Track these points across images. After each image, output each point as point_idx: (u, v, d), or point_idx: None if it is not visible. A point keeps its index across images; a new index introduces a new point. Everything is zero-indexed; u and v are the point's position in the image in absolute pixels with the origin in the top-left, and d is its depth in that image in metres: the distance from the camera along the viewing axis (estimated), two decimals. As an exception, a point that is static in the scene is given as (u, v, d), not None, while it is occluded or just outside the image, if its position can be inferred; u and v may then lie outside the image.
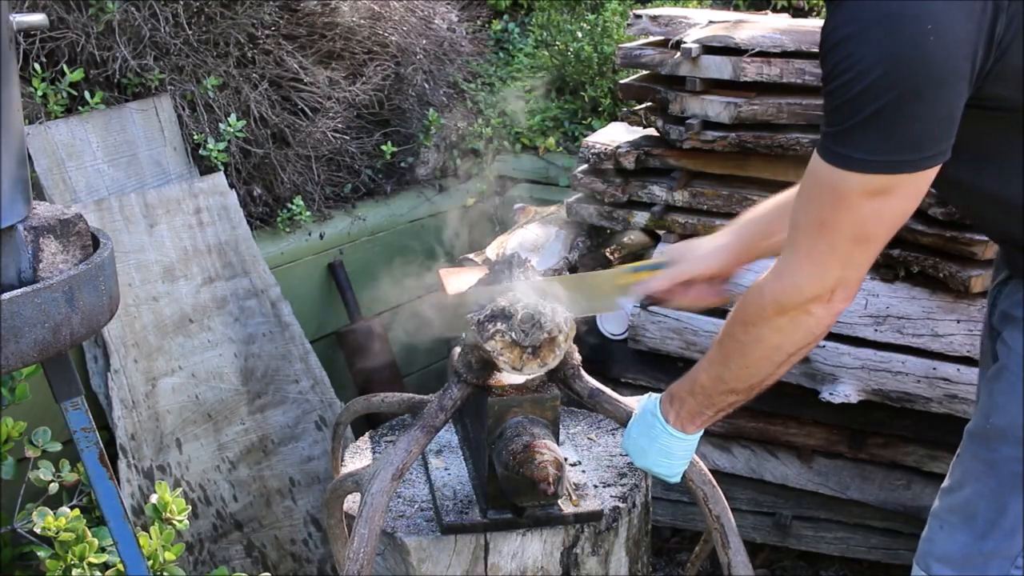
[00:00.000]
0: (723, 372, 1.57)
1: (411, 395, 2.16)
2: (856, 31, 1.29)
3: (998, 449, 1.53)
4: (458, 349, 1.92)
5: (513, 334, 1.72)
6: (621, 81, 3.00)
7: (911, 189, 1.36)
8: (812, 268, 1.42)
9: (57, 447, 2.08)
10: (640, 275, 1.86)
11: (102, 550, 1.91)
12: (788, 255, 1.45)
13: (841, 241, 1.39)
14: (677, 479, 1.74)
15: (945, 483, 1.63)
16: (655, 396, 1.74)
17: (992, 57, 1.31)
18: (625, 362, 2.90)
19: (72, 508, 1.95)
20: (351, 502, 2.01)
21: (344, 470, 2.17)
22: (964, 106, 1.33)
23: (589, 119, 3.83)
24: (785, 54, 2.58)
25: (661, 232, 2.90)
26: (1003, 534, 1.53)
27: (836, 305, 1.44)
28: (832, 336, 2.53)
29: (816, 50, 1.38)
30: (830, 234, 1.39)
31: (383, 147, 3.47)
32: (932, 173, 1.35)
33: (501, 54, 4.22)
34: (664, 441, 1.68)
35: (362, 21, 3.34)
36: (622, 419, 1.86)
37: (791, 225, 1.46)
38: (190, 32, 2.97)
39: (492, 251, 2.91)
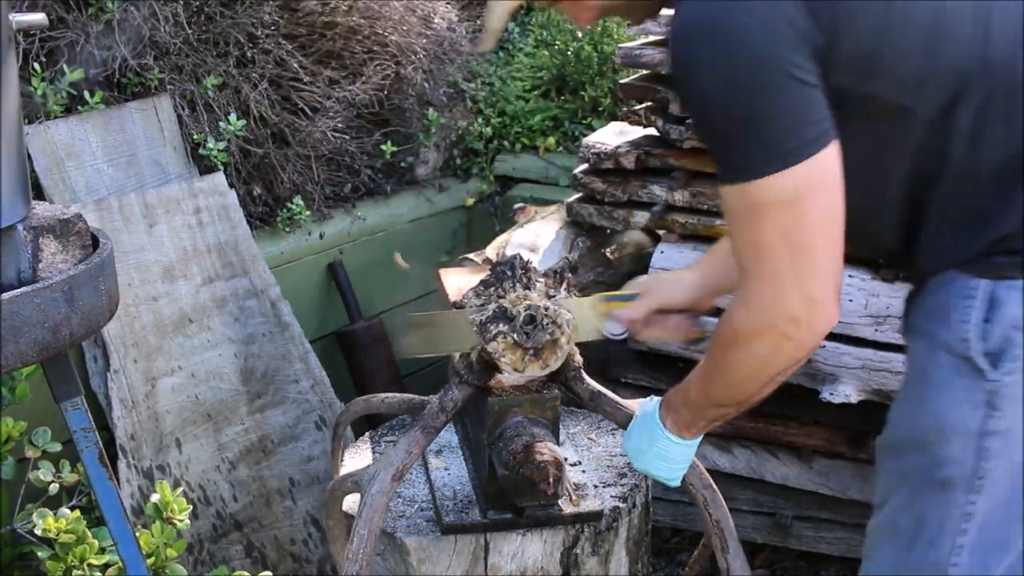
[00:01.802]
0: (710, 388, 1.56)
1: (411, 396, 2.16)
2: (683, 57, 1.34)
3: (906, 457, 1.51)
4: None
5: (515, 335, 1.72)
6: (621, 81, 3.00)
7: (819, 180, 1.34)
8: (766, 290, 1.39)
9: (57, 447, 2.07)
10: (613, 304, 1.86)
11: (102, 550, 1.91)
12: (743, 283, 1.43)
13: (779, 256, 1.36)
14: (676, 483, 1.74)
15: (874, 499, 1.61)
16: (656, 399, 1.73)
17: (823, 36, 1.31)
18: (625, 362, 2.90)
19: (72, 509, 1.94)
20: (351, 503, 2.01)
21: (344, 471, 2.16)
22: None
23: (589, 119, 3.83)
24: (785, 54, 2.58)
25: (661, 232, 2.90)
26: (926, 544, 1.49)
27: (817, 326, 1.40)
28: (832, 336, 2.53)
29: None
30: (766, 252, 1.37)
31: (383, 147, 3.47)
32: (832, 155, 1.34)
33: (501, 54, 4.22)
34: (662, 445, 1.68)
35: (362, 21, 3.34)
36: (623, 422, 1.86)
37: (735, 256, 1.45)
38: (190, 32, 2.97)
39: (492, 251, 2.91)
